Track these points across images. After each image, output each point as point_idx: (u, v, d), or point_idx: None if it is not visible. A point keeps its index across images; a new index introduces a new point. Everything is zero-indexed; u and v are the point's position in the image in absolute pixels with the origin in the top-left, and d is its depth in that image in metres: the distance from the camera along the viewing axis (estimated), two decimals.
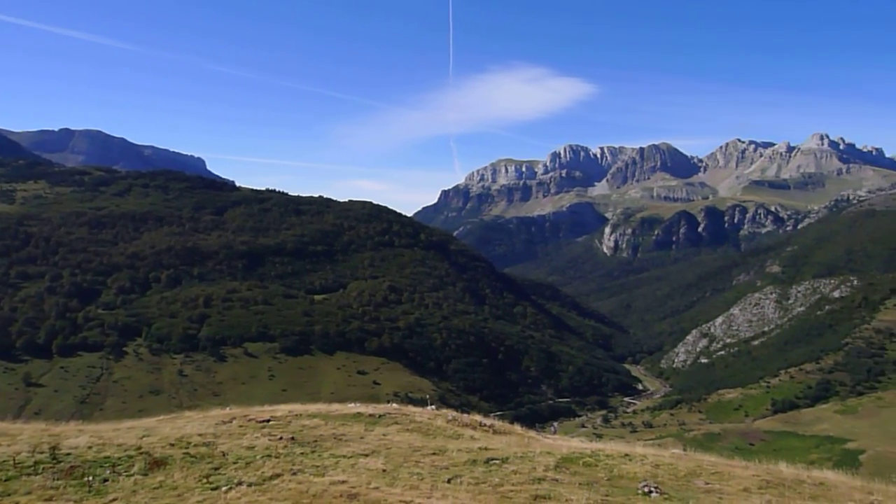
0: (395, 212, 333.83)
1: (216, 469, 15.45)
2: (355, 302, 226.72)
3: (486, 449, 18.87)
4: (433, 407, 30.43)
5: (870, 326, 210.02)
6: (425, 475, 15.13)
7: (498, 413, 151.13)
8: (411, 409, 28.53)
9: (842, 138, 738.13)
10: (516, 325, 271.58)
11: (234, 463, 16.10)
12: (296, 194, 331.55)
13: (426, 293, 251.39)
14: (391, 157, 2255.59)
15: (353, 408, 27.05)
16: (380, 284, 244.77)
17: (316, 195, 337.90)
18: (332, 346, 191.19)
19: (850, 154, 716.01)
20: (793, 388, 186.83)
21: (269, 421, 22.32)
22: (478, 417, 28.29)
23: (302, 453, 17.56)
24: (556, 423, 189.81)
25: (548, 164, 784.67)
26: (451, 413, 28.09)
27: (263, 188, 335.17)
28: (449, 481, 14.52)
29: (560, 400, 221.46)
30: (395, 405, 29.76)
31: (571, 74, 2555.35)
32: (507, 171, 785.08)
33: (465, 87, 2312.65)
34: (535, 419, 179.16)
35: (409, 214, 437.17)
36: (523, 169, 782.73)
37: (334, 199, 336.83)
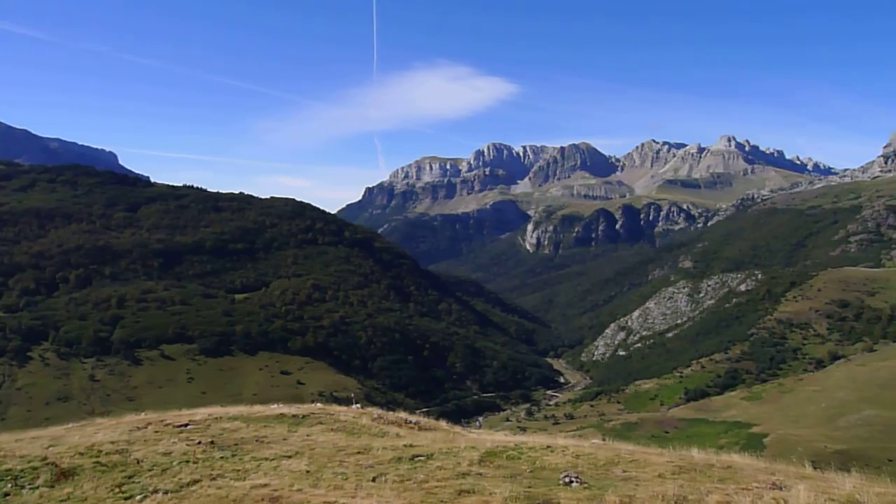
0: (318, 209, 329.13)
1: (130, 477, 14.81)
2: (278, 301, 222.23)
3: (411, 446, 18.90)
4: (358, 406, 30.23)
5: (772, 317, 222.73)
6: (350, 475, 15.03)
7: (424, 410, 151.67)
8: (336, 408, 28.23)
9: (747, 140, 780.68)
10: (441, 321, 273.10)
11: (150, 470, 15.48)
12: (215, 191, 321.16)
13: (351, 291, 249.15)
14: (314, 153, 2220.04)
15: (275, 409, 26.52)
16: (303, 283, 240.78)
17: (236, 192, 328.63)
18: (254, 347, 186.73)
19: (754, 155, 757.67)
20: (704, 377, 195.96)
21: (187, 425, 21.58)
22: (403, 415, 28.30)
23: (222, 457, 17.08)
24: (481, 418, 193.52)
25: (472, 161, 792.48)
26: (376, 411, 27.97)
27: (180, 184, 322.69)
28: (374, 480, 14.48)
29: (485, 395, 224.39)
30: (319, 405, 29.37)
31: (495, 74, 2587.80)
32: (431, 168, 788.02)
33: (390, 83, 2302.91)
34: (461, 415, 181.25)
35: (333, 212, 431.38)
36: (448, 167, 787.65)
37: (256, 195, 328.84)
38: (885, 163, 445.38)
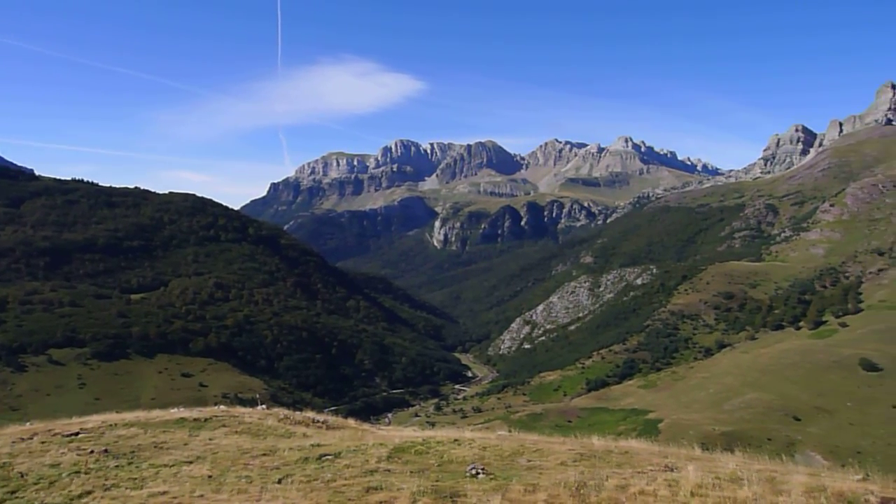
0: (221, 205, 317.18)
1: (13, 493, 13.82)
2: (178, 300, 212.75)
3: (318, 445, 18.68)
4: (264, 406, 29.56)
5: (666, 309, 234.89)
6: (254, 477, 14.68)
7: (332, 408, 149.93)
8: (240, 410, 27.46)
9: (643, 141, 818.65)
10: (349, 319, 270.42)
11: (36, 484, 14.50)
12: (108, 185, 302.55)
13: (255, 289, 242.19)
14: (217, 147, 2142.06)
15: (175, 413, 25.48)
16: (205, 281, 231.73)
17: (132, 186, 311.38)
18: (153, 349, 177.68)
19: (649, 156, 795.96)
20: (604, 367, 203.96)
21: (77, 434, 20.34)
22: (311, 414, 27.90)
23: (117, 466, 16.25)
24: (390, 415, 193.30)
25: (379, 158, 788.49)
26: (282, 412, 27.44)
27: (69, 178, 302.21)
28: (280, 481, 14.21)
29: (394, 391, 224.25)
30: (222, 407, 28.46)
31: (402, 70, 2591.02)
32: (338, 164, 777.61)
33: (295, 78, 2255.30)
34: (370, 412, 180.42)
35: (237, 208, 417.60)
36: (355, 163, 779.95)
37: (153, 190, 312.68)
38: (765, 165, 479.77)
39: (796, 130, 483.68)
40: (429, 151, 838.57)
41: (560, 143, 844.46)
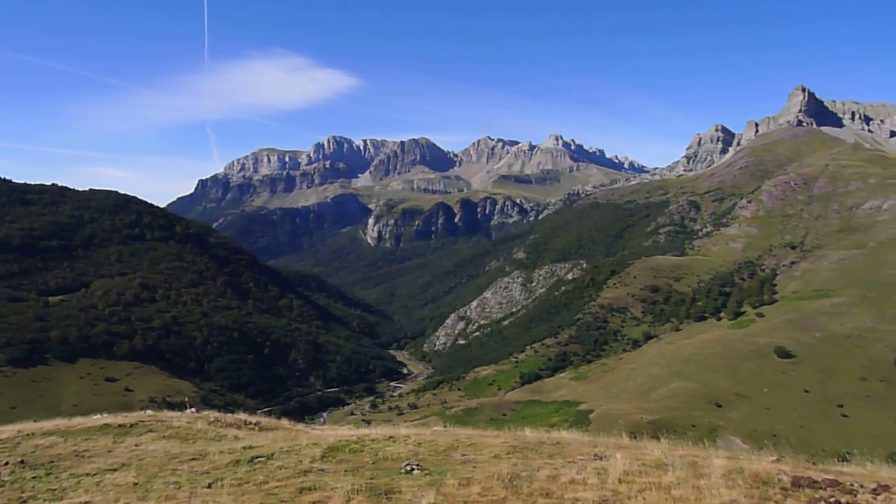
0: (145, 202, 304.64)
1: None
2: (101, 302, 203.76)
3: (250, 447, 18.34)
4: (193, 410, 28.80)
5: (596, 303, 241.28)
6: (183, 483, 14.28)
7: (266, 409, 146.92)
8: (168, 414, 26.64)
9: (573, 139, 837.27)
10: (282, 318, 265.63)
11: None
12: (22, 181, 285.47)
13: (183, 289, 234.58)
14: (141, 143, 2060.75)
15: (99, 419, 24.47)
16: (129, 282, 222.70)
17: (48, 183, 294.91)
18: (74, 353, 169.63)
19: (579, 154, 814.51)
20: (537, 361, 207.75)
21: None
22: (243, 416, 27.33)
23: (34, 477, 15.48)
24: (325, 414, 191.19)
25: (311, 154, 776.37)
26: (213, 414, 26.80)
27: None
28: (210, 486, 13.88)
29: (329, 390, 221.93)
30: (149, 412, 27.55)
31: (333, 66, 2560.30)
32: (269, 160, 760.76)
33: (223, 72, 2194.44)
34: (305, 412, 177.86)
35: (163, 205, 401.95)
36: (286, 159, 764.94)
37: (72, 187, 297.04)
38: (688, 163, 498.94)
39: (716, 130, 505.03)
40: (362, 148, 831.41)
41: (493, 140, 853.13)
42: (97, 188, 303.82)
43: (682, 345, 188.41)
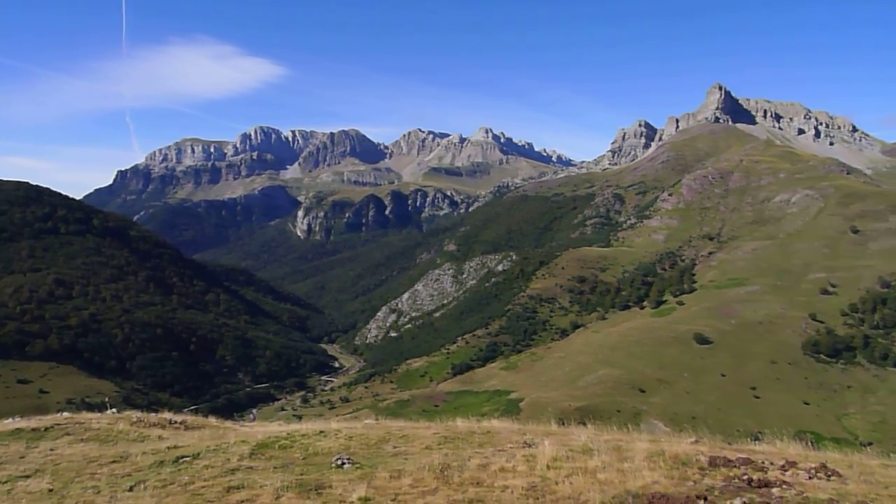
0: (60, 194, 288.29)
1: None
2: (11, 300, 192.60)
3: (175, 447, 17.79)
4: (114, 410, 27.64)
5: (525, 294, 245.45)
6: (103, 487, 13.72)
7: (192, 407, 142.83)
8: (87, 415, 25.44)
9: (503, 133, 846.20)
10: (209, 313, 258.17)
11: None
12: None
13: (102, 285, 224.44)
14: (54, 131, 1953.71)
15: (10, 424, 23.12)
16: (43, 278, 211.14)
17: None
18: None
19: (508, 147, 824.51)
20: (468, 352, 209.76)
21: None
22: (167, 415, 26.44)
23: None
24: (255, 410, 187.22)
25: (238, 145, 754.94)
26: (135, 414, 25.80)
27: None
28: (131, 489, 13.39)
29: (258, 386, 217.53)
30: (66, 414, 26.21)
31: (260, 55, 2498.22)
32: (193, 151, 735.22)
33: (143, 58, 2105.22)
34: (234, 409, 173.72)
35: (79, 197, 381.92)
36: (212, 150, 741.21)
37: None
38: (613, 157, 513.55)
39: (640, 125, 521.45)
40: (290, 139, 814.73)
41: (423, 132, 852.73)
42: (5, 179, 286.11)
43: (607, 333, 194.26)
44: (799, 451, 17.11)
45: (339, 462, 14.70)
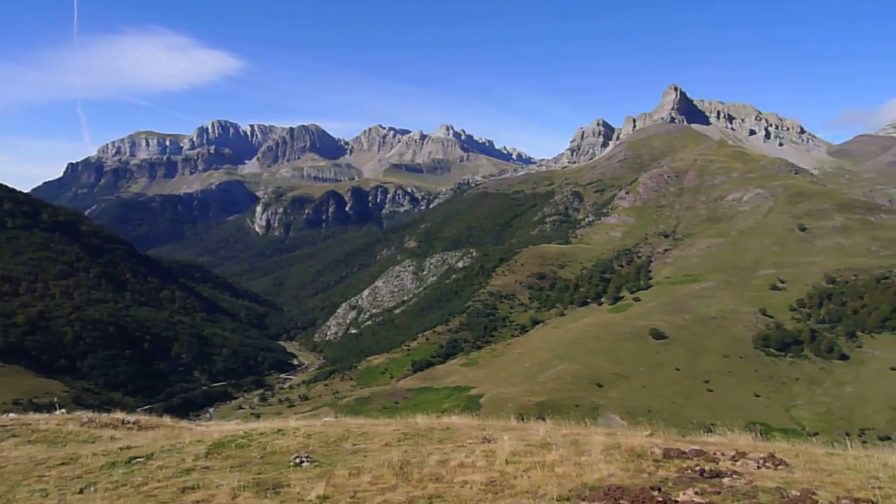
0: (6, 187, 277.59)
1: None
2: None
3: (128, 448, 17.37)
4: (63, 411, 26.89)
5: (485, 290, 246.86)
6: (51, 490, 13.30)
7: (146, 407, 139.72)
8: (35, 416, 24.67)
9: (463, 130, 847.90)
10: (163, 310, 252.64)
11: None
12: None
13: (51, 281, 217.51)
14: (0, 122, 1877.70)
15: None
16: None
17: None
18: None
19: (469, 144, 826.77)
20: (428, 348, 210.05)
21: None
22: (120, 415, 25.82)
23: None
24: (211, 409, 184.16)
25: (194, 139, 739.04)
26: (86, 415, 25.13)
27: None
28: (81, 491, 13.02)
29: (215, 384, 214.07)
30: (12, 415, 25.37)
31: (217, 47, 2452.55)
32: (148, 144, 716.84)
33: (95, 48, 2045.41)
34: (190, 408, 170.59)
35: (27, 190, 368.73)
36: (167, 143, 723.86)
37: None
38: (572, 155, 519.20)
39: (598, 125, 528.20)
40: (249, 134, 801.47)
41: (384, 129, 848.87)
42: None
43: (566, 329, 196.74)
44: (749, 442, 17.62)
45: (298, 460, 14.57)
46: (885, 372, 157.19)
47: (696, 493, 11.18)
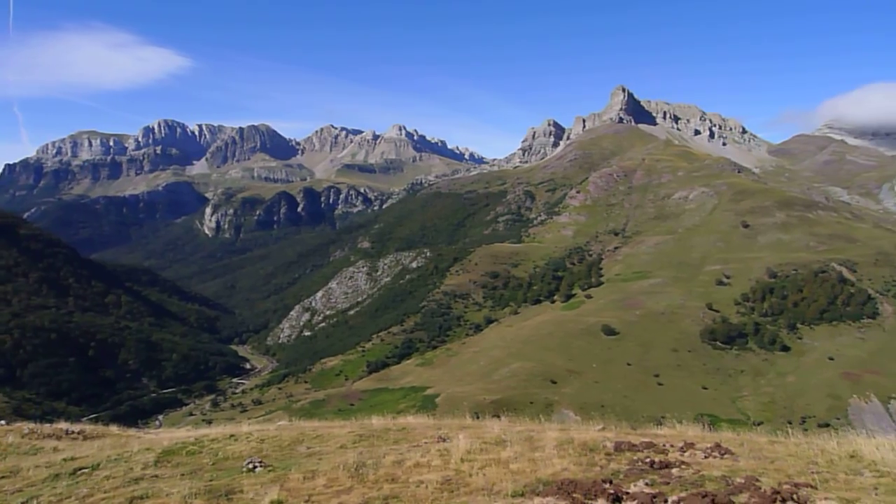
0: None
1: None
2: None
3: (72, 459, 16.81)
4: (3, 422, 25.86)
5: (439, 290, 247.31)
6: None
7: (92, 416, 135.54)
8: None
9: (416, 130, 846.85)
10: (109, 315, 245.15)
11: None
12: None
13: None
14: None
15: None
16: None
17: None
18: None
19: (421, 144, 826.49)
20: (383, 349, 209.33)
21: None
22: (63, 425, 24.95)
23: None
24: (161, 417, 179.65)
25: (140, 139, 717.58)
26: (27, 425, 24.19)
27: None
28: None
29: (165, 391, 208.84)
30: None
31: (163, 45, 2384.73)
32: (91, 144, 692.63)
33: (33, 44, 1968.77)
34: (138, 416, 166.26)
35: None
36: (111, 143, 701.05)
37: None
38: (523, 155, 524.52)
39: (549, 124, 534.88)
40: (197, 134, 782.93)
41: (336, 129, 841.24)
42: None
43: (520, 327, 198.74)
44: (697, 433, 18.17)
45: (251, 465, 14.36)
46: (823, 362, 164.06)
47: (646, 484, 11.48)
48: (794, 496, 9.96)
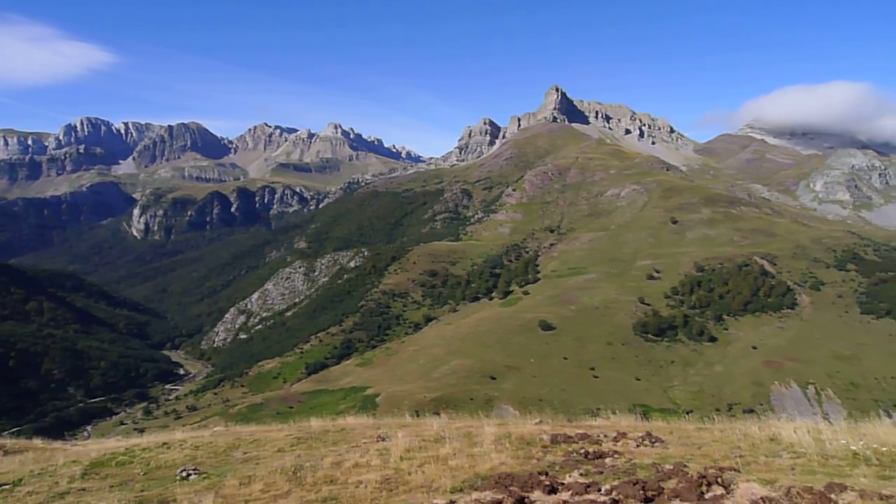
0: None
1: None
2: None
3: None
4: None
5: (378, 289, 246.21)
6: None
7: (14, 430, 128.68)
8: None
9: (352, 128, 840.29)
10: (31, 323, 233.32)
11: None
12: None
13: None
14: None
15: None
16: None
17: None
18: None
19: (358, 143, 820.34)
20: (322, 350, 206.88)
21: None
22: None
23: None
24: (89, 427, 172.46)
25: (61, 137, 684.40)
26: None
27: None
28: None
29: (92, 400, 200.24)
30: None
31: (84, 39, 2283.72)
32: (7, 143, 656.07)
33: None
34: (64, 427, 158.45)
35: None
36: (29, 142, 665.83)
37: None
38: (460, 153, 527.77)
39: (484, 123, 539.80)
40: (123, 132, 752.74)
41: (270, 127, 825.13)
42: None
43: (459, 325, 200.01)
44: (630, 423, 18.81)
45: (185, 473, 14.02)
46: (747, 351, 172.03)
47: (580, 474, 11.82)
48: (719, 479, 10.46)
